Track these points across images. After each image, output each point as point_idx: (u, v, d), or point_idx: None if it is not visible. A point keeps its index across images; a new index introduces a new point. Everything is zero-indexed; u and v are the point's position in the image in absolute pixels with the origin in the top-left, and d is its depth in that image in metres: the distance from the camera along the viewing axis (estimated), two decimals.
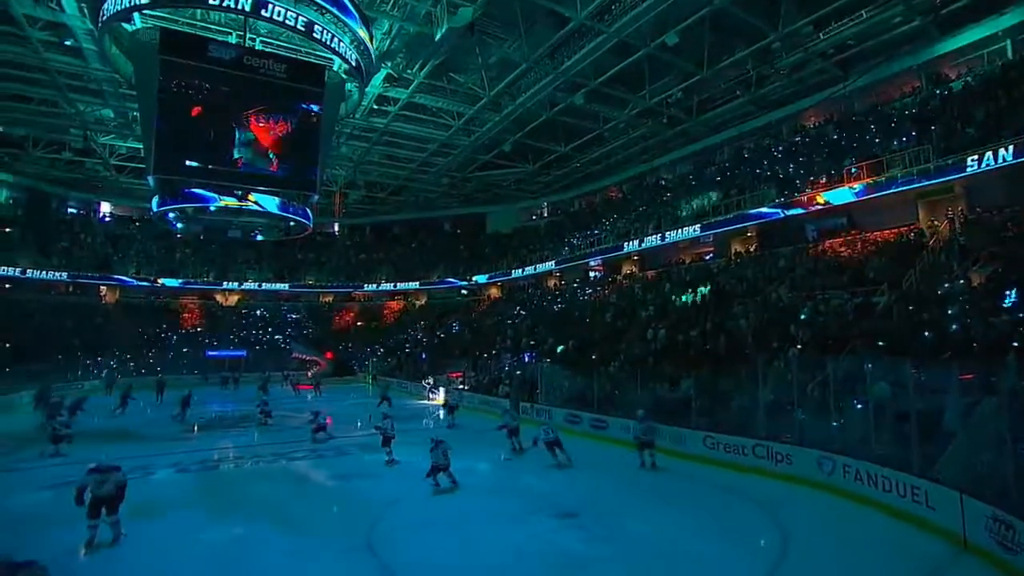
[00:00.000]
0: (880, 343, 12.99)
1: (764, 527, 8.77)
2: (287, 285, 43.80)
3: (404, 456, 13.78)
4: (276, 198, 24.78)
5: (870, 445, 10.17)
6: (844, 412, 11.33)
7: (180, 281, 40.26)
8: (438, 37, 20.33)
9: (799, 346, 14.64)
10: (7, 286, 34.92)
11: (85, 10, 18.67)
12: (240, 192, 23.46)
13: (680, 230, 26.65)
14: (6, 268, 33.76)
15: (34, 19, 19.85)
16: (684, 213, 27.60)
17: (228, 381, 32.60)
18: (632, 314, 23.87)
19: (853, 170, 19.82)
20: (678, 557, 7.71)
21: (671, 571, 7.32)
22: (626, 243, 29.83)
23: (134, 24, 19.79)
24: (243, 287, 42.82)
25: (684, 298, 22.45)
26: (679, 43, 20.83)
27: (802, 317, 16.21)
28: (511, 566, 7.40)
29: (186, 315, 40.97)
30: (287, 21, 18.87)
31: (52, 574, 5.36)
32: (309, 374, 36.64)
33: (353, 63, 21.10)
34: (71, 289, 38.10)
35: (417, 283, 44.42)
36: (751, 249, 24.67)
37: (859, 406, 11.13)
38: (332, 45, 19.99)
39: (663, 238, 27.59)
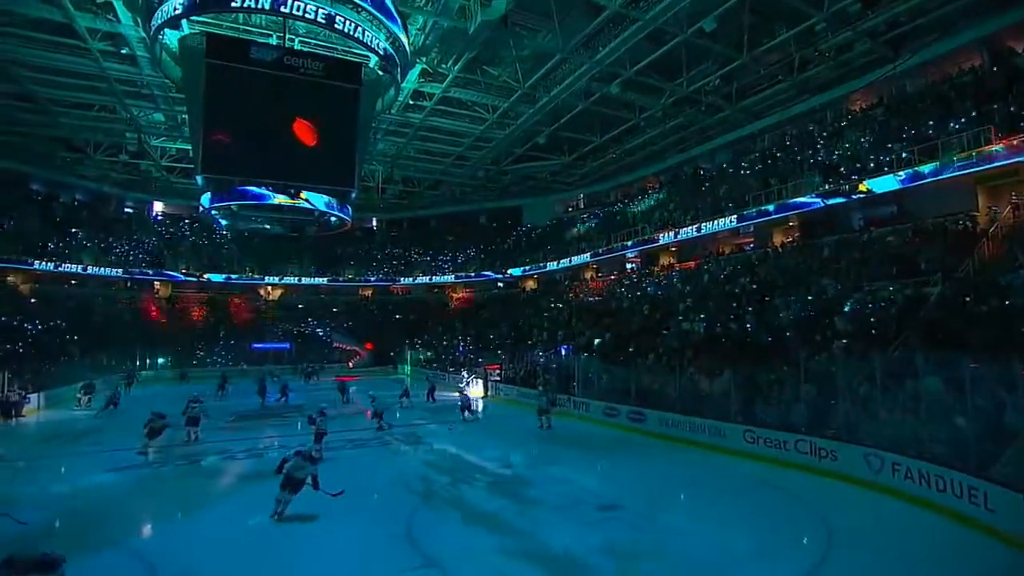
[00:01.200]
0: (933, 336, 12.43)
1: (807, 524, 8.60)
2: (325, 279, 45.06)
3: (442, 446, 14.08)
4: (324, 196, 25.60)
5: (922, 443, 9.78)
6: (892, 408, 10.92)
7: (223, 276, 41.92)
8: (472, 31, 20.41)
9: (844, 339, 14.15)
10: (73, 282, 37.22)
11: (138, 20, 19.52)
12: (293, 190, 24.35)
13: (714, 221, 26.09)
14: (72, 266, 35.82)
15: (94, 31, 20.97)
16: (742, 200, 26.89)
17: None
18: (670, 306, 23.53)
19: (904, 154, 18.88)
20: (721, 551, 7.64)
21: (714, 565, 7.25)
22: (661, 234, 29.41)
23: (182, 30, 20.61)
24: (283, 282, 44.28)
25: (723, 290, 21.97)
26: (717, 28, 20.31)
27: (846, 309, 15.65)
28: (557, 557, 7.47)
29: (232, 309, 42.64)
30: (322, 20, 19.31)
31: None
32: (350, 364, 37.67)
33: (388, 59, 21.41)
34: (128, 285, 40.23)
35: (453, 276, 44.99)
36: (793, 239, 23.89)
37: (909, 402, 10.71)
38: (368, 42, 20.35)
39: (699, 230, 27.08)
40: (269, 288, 44.94)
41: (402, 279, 46.22)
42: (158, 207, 45.36)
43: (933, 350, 11.39)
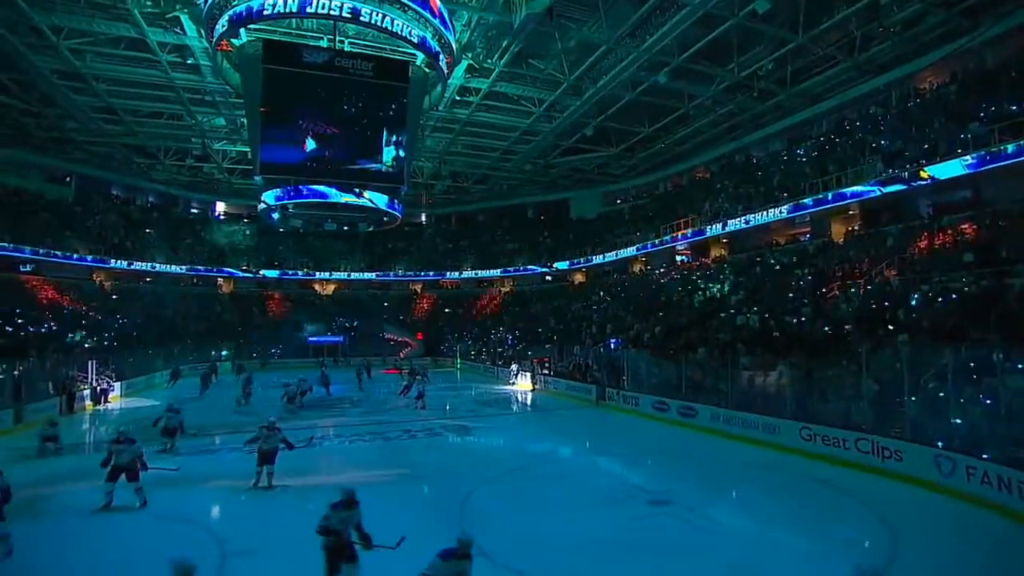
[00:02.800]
0: (1014, 330, 11.58)
1: (869, 526, 8.27)
2: (374, 275, 46.37)
3: (492, 438, 14.32)
4: (384, 195, 26.52)
5: (1003, 446, 9.17)
6: (966, 407, 10.29)
7: (278, 272, 43.84)
8: (517, 24, 20.40)
9: (909, 334, 13.40)
10: (147, 279, 39.93)
11: (202, 31, 20.65)
12: (358, 190, 25.34)
13: (767, 211, 25.15)
14: (143, 263, 38.35)
15: (164, 44, 22.37)
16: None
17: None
18: (721, 299, 22.91)
19: (981, 134, 17.52)
20: (772, 550, 7.49)
21: (765, 566, 7.08)
22: (708, 227, 28.69)
23: (240, 39, 21.63)
24: (334, 276, 45.82)
25: (777, 282, 21.21)
26: (771, 9, 19.33)
27: (912, 303, 14.80)
28: (606, 551, 7.52)
29: (288, 304, 44.56)
30: (372, 21, 19.83)
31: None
32: (401, 355, 38.66)
33: (435, 56, 21.72)
34: (195, 281, 42.74)
35: (499, 270, 45.35)
36: (854, 228, 22.72)
37: (987, 401, 10.06)
38: (415, 40, 20.71)
39: (747, 222, 26.27)
40: (323, 283, 46.65)
41: (450, 274, 46.92)
42: (220, 207, 47.90)
43: (1015, 345, 10.62)
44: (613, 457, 12.89)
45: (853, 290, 17.33)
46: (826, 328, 15.92)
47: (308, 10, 19.23)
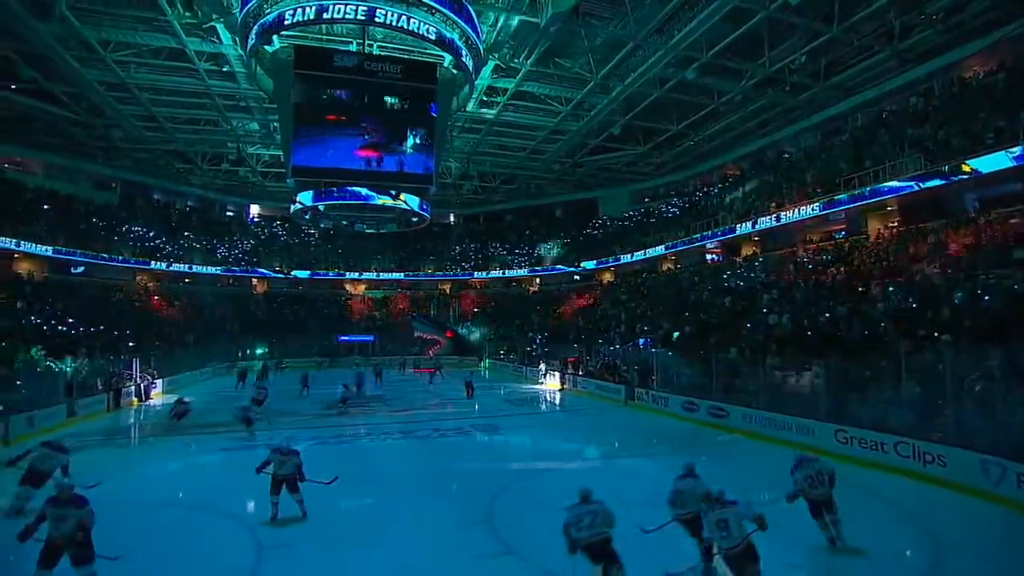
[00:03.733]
0: None
1: (910, 535, 7.99)
2: (403, 275, 47.02)
3: (521, 437, 14.37)
4: (417, 197, 27.00)
5: None
6: (1015, 411, 9.85)
7: (308, 273, 44.80)
8: (543, 23, 20.41)
9: (953, 334, 12.90)
10: (187, 280, 41.37)
11: (236, 39, 21.31)
12: (394, 192, 25.87)
13: (797, 209, 24.61)
14: (181, 265, 39.70)
15: (201, 53, 23.21)
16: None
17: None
18: (752, 298, 22.46)
19: None
20: (808, 556, 7.32)
21: (800, 572, 6.95)
22: (739, 225, 28.17)
23: (273, 45, 22.23)
24: (363, 276, 46.60)
25: (811, 280, 20.67)
26: (803, 0, 18.92)
27: (956, 301, 14.24)
28: (636, 551, 7.46)
29: (319, 303, 45.48)
30: (400, 24, 20.08)
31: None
32: (431, 353, 39.06)
33: (462, 58, 21.89)
34: (231, 282, 44.06)
35: (527, 270, 45.39)
36: (892, 224, 21.97)
37: None
38: (441, 41, 20.89)
39: (778, 219, 25.72)
40: (353, 283, 47.50)
41: (478, 273, 47.22)
42: (254, 210, 49.25)
43: None
44: (643, 458, 12.79)
45: (892, 288, 16.77)
46: (863, 328, 15.46)
47: (326, 16, 19.55)
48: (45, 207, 33.41)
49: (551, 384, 26.78)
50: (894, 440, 10.89)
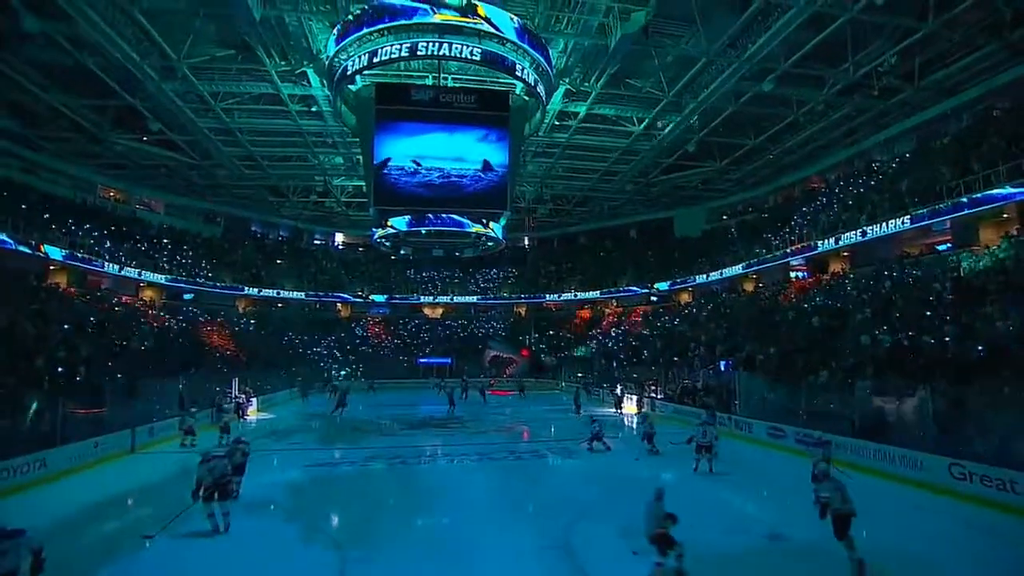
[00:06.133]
0: None
1: None
2: (476, 298, 47.99)
3: (597, 461, 14.12)
4: (500, 224, 27.85)
5: None
6: None
7: (384, 297, 46.82)
8: (612, 46, 20.52)
9: None
10: (279, 304, 44.59)
11: (324, 81, 23.16)
12: (485, 220, 26.80)
13: (891, 222, 22.93)
14: (269, 290, 42.66)
15: (293, 96, 25.48)
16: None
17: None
18: (844, 317, 20.93)
19: None
20: None
21: None
22: (823, 241, 26.79)
23: (356, 84, 23.89)
24: (439, 300, 47.94)
25: (912, 297, 18.97)
26: None
27: None
28: None
29: (398, 326, 47.31)
30: (473, 57, 20.86)
31: None
32: (507, 372, 39.25)
33: (534, 85, 22.41)
34: (317, 306, 46.92)
35: (599, 292, 44.90)
36: (1009, 234, 19.78)
37: None
38: (515, 72, 21.51)
39: (864, 234, 24.21)
40: (432, 307, 49.08)
41: (551, 296, 47.35)
42: (339, 238, 52.45)
43: None
44: (724, 485, 12.17)
45: (1013, 306, 15.05)
46: (979, 349, 13.96)
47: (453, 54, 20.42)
48: (165, 241, 37.49)
49: (628, 408, 26.14)
50: None
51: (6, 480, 11.24)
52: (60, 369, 17.59)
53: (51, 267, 27.63)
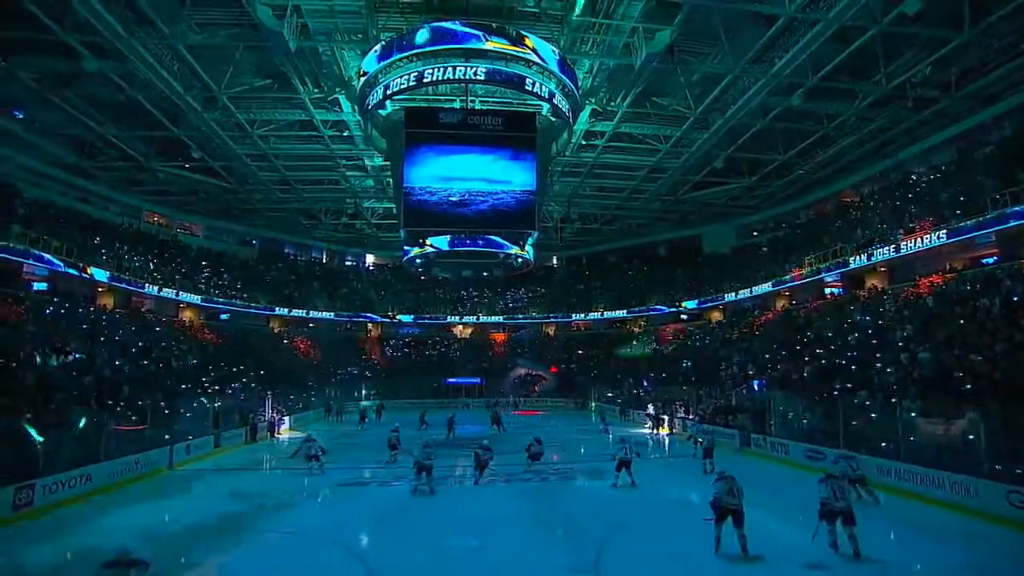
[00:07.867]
0: None
1: None
2: (502, 317, 48.11)
3: (625, 481, 13.84)
4: (531, 240, 28.25)
5: None
6: None
7: (412, 317, 47.22)
8: (638, 65, 20.63)
9: None
10: (311, 324, 45.50)
11: (355, 107, 23.94)
12: (521, 242, 27.13)
13: (931, 235, 22.28)
14: (300, 311, 43.24)
15: (326, 122, 26.39)
16: None
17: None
18: (883, 335, 20.22)
19: None
20: None
21: None
22: (855, 257, 26.28)
23: (386, 109, 24.59)
24: (466, 320, 48.15)
25: (956, 314, 18.21)
26: (923, 8, 17.30)
27: None
28: None
29: (425, 347, 47.63)
30: (500, 79, 21.23)
31: None
32: (535, 390, 39.03)
33: (561, 106, 22.66)
34: (348, 327, 47.68)
35: (625, 311, 44.43)
36: None
37: None
38: (541, 94, 21.80)
39: (897, 249, 23.63)
40: (461, 327, 49.38)
41: (578, 315, 47.10)
42: (370, 259, 53.45)
43: None
44: (759, 509, 11.71)
45: None
46: None
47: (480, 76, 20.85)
48: (203, 263, 38.91)
49: (660, 428, 25.64)
50: None
51: (55, 493, 11.70)
52: (106, 388, 18.31)
53: (99, 289, 28.92)
